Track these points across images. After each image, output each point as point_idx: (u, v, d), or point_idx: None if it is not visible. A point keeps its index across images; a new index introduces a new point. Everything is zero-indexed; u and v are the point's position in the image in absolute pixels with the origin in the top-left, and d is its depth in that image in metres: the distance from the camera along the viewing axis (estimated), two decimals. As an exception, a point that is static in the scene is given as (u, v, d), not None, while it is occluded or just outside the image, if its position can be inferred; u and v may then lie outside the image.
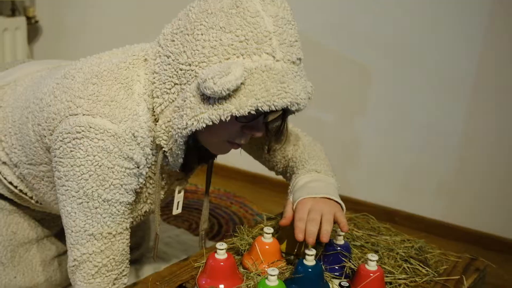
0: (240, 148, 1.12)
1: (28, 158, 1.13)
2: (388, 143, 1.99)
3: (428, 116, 1.90)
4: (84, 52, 2.41)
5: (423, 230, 1.94)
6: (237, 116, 0.94)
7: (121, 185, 1.02)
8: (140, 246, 1.53)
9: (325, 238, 0.98)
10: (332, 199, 1.07)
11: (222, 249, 0.93)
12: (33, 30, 2.48)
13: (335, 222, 1.02)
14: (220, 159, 1.21)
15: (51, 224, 1.36)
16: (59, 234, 1.39)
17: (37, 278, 1.32)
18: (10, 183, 1.21)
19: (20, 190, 1.22)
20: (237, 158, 1.42)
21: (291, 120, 1.27)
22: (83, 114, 0.99)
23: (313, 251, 0.93)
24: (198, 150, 1.10)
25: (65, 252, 1.39)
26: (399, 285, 1.02)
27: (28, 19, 2.37)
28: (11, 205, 1.28)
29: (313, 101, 1.95)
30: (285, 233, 1.12)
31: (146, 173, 1.08)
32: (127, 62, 1.06)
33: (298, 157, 1.22)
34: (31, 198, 1.23)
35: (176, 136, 1.00)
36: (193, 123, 0.95)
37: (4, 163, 1.19)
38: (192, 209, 1.96)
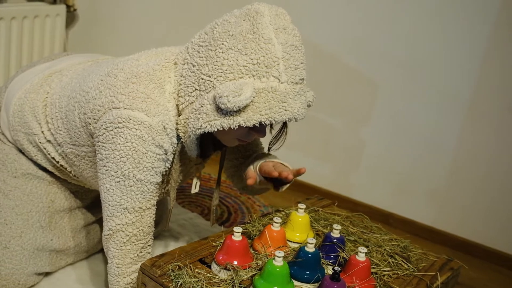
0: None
1: (72, 139, 1.30)
2: (388, 150, 2.06)
3: (426, 128, 1.97)
4: (115, 40, 2.57)
5: (414, 233, 2.04)
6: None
7: (152, 168, 1.18)
8: (157, 224, 1.66)
9: (285, 173, 1.23)
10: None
11: (238, 232, 1.10)
12: (71, 17, 2.59)
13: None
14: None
15: (83, 197, 1.51)
16: (89, 207, 1.54)
17: (69, 242, 1.46)
18: (53, 158, 1.37)
19: (61, 165, 1.38)
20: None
21: (300, 123, 1.38)
22: (124, 108, 1.16)
23: (314, 240, 1.09)
24: (213, 139, 1.26)
25: (93, 223, 1.54)
26: (383, 275, 1.18)
27: (68, 7, 2.47)
28: (52, 177, 1.43)
29: (324, 107, 2.13)
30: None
31: (173, 158, 1.24)
32: (160, 65, 1.22)
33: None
34: (70, 172, 1.39)
35: (191, 133, 1.16)
36: (206, 126, 1.12)
37: (49, 141, 1.35)
38: (204, 196, 2.08)
